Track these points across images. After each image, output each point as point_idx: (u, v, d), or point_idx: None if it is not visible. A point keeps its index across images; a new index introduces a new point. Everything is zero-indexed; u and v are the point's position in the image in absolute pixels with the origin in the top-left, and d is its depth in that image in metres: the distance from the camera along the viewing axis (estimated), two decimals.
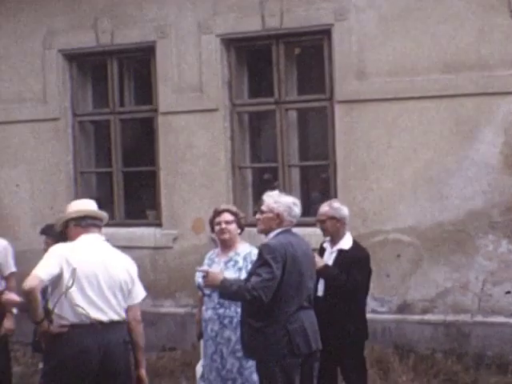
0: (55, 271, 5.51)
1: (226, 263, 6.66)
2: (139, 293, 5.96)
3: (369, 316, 8.86)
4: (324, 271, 6.71)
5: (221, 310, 6.62)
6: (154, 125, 10.07)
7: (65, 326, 5.52)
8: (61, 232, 6.84)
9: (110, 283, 5.68)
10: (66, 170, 10.44)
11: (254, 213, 9.76)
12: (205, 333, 6.78)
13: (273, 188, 9.48)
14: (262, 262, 5.77)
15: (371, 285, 8.84)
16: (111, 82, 10.34)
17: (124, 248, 9.90)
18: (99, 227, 5.99)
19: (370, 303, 8.97)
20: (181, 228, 9.76)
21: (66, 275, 5.52)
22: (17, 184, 10.63)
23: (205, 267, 6.06)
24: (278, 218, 5.98)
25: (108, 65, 10.35)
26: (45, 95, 10.46)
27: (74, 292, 5.53)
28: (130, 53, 10.30)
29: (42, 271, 5.48)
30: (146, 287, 9.85)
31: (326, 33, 9.18)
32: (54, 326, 5.52)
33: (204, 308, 6.80)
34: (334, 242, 7.03)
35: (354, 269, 6.77)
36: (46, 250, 6.55)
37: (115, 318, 5.68)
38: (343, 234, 7.01)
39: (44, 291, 5.82)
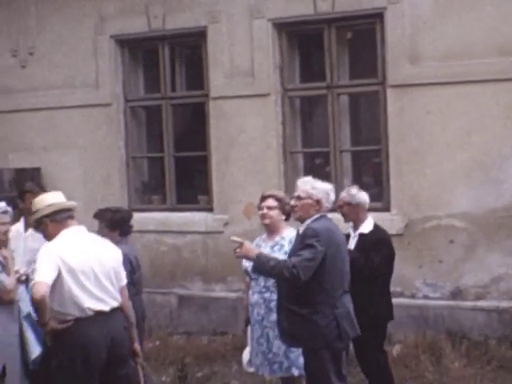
0: (55, 273, 5.56)
1: (272, 247, 6.65)
2: (124, 273, 6.03)
3: (421, 302, 8.89)
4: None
5: (267, 294, 6.62)
6: (206, 110, 10.07)
7: (69, 321, 5.63)
8: (110, 217, 6.91)
9: (105, 273, 5.77)
10: (118, 155, 10.50)
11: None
12: (251, 317, 6.80)
13: (325, 173, 9.53)
14: (305, 244, 5.75)
15: (423, 270, 8.82)
16: (163, 68, 10.35)
17: (175, 233, 10.15)
18: (73, 217, 5.96)
19: (423, 289, 8.93)
20: (232, 213, 9.76)
21: (65, 274, 5.59)
22: (70, 168, 10.72)
23: (239, 238, 5.95)
24: (317, 204, 5.96)
25: (160, 50, 10.36)
26: (97, 81, 10.52)
27: (72, 287, 5.61)
28: (181, 38, 10.30)
29: (47, 276, 5.53)
30: (198, 272, 10.07)
31: (378, 16, 9.08)
32: (55, 322, 5.64)
33: (250, 292, 6.81)
34: (355, 226, 7.11)
35: (372, 251, 6.85)
36: (99, 234, 6.66)
37: (115, 304, 5.80)
38: (364, 219, 7.08)
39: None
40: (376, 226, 7.11)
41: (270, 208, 6.72)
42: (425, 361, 8.10)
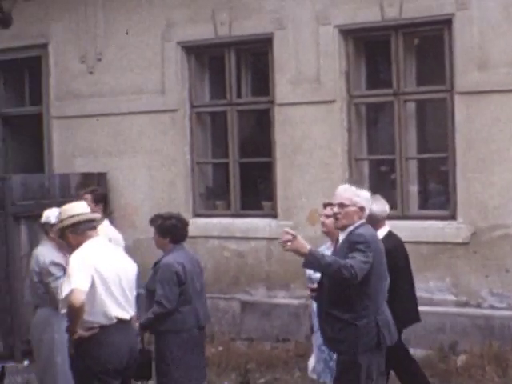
0: (90, 281, 5.70)
1: None
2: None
3: (487, 312, 8.73)
4: None
5: None
6: (271, 116, 10.07)
7: (95, 328, 5.74)
8: (160, 223, 6.96)
9: (128, 283, 5.94)
10: (183, 160, 10.55)
11: None
12: (314, 324, 6.77)
13: (390, 180, 9.45)
14: (355, 249, 5.67)
15: (489, 280, 8.68)
16: (229, 74, 10.39)
17: (239, 239, 10.15)
18: (95, 229, 6.06)
19: (489, 299, 8.79)
20: (296, 219, 9.73)
21: (98, 283, 5.72)
22: (136, 174, 10.81)
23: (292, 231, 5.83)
24: (361, 211, 5.89)
25: (226, 56, 10.40)
26: (163, 87, 10.60)
27: (103, 296, 5.75)
28: (247, 44, 10.33)
29: (83, 284, 5.66)
30: (261, 278, 10.06)
31: (446, 22, 8.98)
32: (82, 330, 5.75)
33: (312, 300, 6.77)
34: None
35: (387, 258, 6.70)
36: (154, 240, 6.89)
37: (132, 313, 5.98)
38: (377, 229, 6.85)
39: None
40: (389, 234, 7.13)
41: (327, 216, 6.70)
42: (490, 371, 7.98)
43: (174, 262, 6.78)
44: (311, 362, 6.97)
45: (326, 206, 6.78)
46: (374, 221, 6.90)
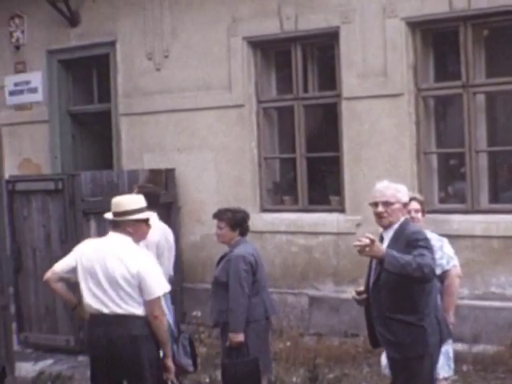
0: (71, 264, 6.17)
1: None
2: (154, 288, 6.06)
3: None
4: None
5: None
6: (338, 110, 10.02)
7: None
8: (231, 217, 7.03)
9: (108, 277, 6.01)
10: (251, 155, 10.57)
11: (441, 200, 9.62)
12: None
13: (460, 174, 9.33)
14: (419, 245, 5.57)
15: None
16: (295, 68, 10.36)
17: (307, 234, 10.13)
18: (117, 225, 6.22)
19: None
20: (364, 214, 9.62)
21: (79, 269, 6.12)
22: (204, 169, 10.87)
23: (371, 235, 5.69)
24: (404, 208, 5.85)
25: (292, 51, 10.38)
26: (230, 82, 10.62)
27: (82, 284, 6.10)
28: (313, 39, 10.29)
29: (58, 265, 6.25)
30: (329, 273, 10.02)
31: None
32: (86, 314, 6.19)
33: None
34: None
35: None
36: (218, 235, 7.03)
37: (118, 311, 6.01)
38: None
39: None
40: None
41: (416, 211, 6.75)
42: None
43: (246, 253, 6.92)
44: (383, 358, 6.91)
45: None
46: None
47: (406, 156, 9.46)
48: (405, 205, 5.81)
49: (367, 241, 5.43)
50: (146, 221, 6.25)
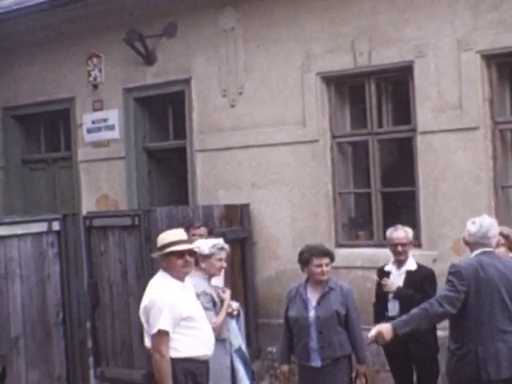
0: None
1: None
2: (153, 324, 6.10)
3: None
4: (398, 293, 7.62)
5: None
6: (413, 145, 9.95)
7: None
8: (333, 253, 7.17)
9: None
10: (325, 190, 10.55)
11: None
12: None
13: None
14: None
15: None
16: (369, 103, 10.35)
17: None
18: (160, 259, 6.38)
19: None
20: (441, 249, 9.56)
21: None
22: (278, 204, 10.88)
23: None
24: None
25: (366, 86, 10.37)
26: (304, 118, 10.65)
27: None
28: (387, 73, 10.27)
29: None
30: None
31: None
32: None
33: None
34: (401, 264, 7.93)
35: (426, 285, 7.63)
36: (325, 272, 7.36)
37: (149, 346, 6.24)
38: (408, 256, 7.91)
39: None
40: (418, 263, 7.97)
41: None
42: None
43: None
44: None
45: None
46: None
47: (483, 190, 9.34)
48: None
49: (373, 333, 6.03)
50: (178, 254, 6.25)
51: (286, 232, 10.78)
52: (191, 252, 6.37)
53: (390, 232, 8.07)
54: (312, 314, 7.10)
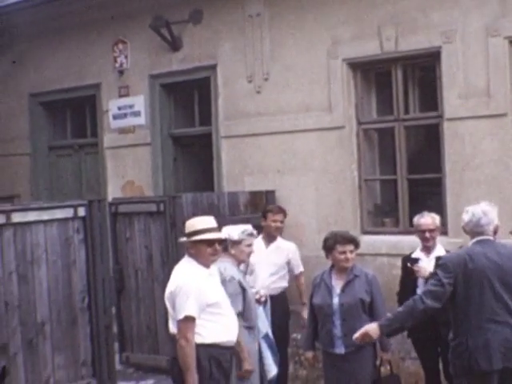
0: None
1: None
2: (179, 309, 6.08)
3: None
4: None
5: None
6: (440, 131, 9.89)
7: None
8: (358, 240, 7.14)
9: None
10: (351, 177, 10.51)
11: None
12: None
13: None
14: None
15: None
16: (395, 89, 10.29)
17: None
18: (188, 246, 6.40)
19: None
20: (466, 236, 9.44)
21: None
22: (304, 191, 10.86)
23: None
24: None
25: (392, 72, 10.30)
26: (330, 104, 10.61)
27: None
28: (414, 59, 10.20)
29: None
30: None
31: None
32: None
33: None
34: (429, 250, 7.85)
35: None
36: (350, 259, 7.25)
37: (170, 330, 6.29)
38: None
39: None
40: (446, 250, 7.78)
41: None
42: None
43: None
44: None
45: None
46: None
47: (510, 177, 9.26)
48: None
49: (357, 335, 6.15)
50: (208, 242, 6.25)
51: (312, 219, 10.76)
52: (221, 240, 6.40)
53: (417, 218, 8.00)
54: (336, 301, 7.07)
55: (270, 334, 7.54)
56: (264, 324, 7.44)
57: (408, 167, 10.29)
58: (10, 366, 7.78)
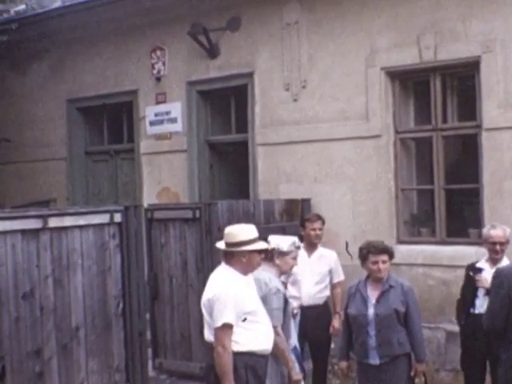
0: None
1: None
2: (217, 317, 6.05)
3: None
4: None
5: None
6: (478, 141, 9.80)
7: None
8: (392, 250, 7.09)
9: (203, 306, 6.28)
10: (387, 186, 10.45)
11: None
12: None
13: None
14: None
15: None
16: (434, 99, 10.21)
17: (445, 267, 9.90)
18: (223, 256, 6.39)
19: None
20: None
21: None
22: (340, 199, 10.81)
23: None
24: None
25: (431, 81, 10.24)
26: (367, 113, 10.56)
27: None
28: (453, 68, 10.12)
29: None
30: None
31: None
32: None
33: None
34: (495, 262, 7.67)
35: None
36: (383, 269, 7.21)
37: (206, 338, 6.29)
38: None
39: None
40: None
41: None
42: None
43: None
44: None
45: None
46: None
47: None
48: None
49: None
50: (259, 251, 6.27)
51: (347, 227, 10.70)
52: (265, 251, 6.43)
53: (486, 230, 7.89)
54: (371, 311, 7.03)
55: (298, 346, 7.52)
56: (293, 336, 7.41)
57: (445, 177, 10.20)
58: (44, 370, 7.81)
